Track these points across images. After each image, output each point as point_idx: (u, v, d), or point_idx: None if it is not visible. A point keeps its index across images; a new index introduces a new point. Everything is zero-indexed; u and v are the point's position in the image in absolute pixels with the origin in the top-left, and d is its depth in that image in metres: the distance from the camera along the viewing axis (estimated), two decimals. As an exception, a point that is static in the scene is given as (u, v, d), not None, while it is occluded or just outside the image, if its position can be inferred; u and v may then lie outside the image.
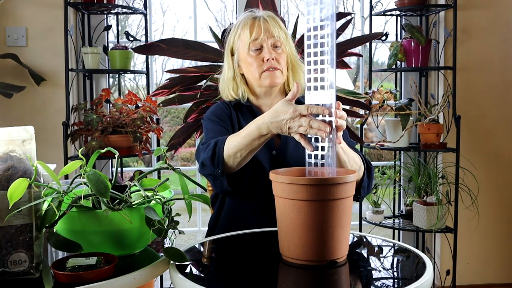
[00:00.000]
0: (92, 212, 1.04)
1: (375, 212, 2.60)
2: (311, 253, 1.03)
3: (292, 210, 1.04)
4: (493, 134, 2.83)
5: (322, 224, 1.02)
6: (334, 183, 1.02)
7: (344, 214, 1.04)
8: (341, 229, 1.04)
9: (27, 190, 0.95)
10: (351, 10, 4.77)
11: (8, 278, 0.94)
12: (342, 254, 1.06)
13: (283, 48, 1.53)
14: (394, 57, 2.60)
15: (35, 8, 2.58)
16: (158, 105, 2.35)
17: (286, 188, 1.04)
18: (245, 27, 1.52)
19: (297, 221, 1.03)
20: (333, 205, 1.02)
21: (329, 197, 1.01)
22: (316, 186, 1.01)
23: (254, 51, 1.51)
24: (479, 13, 2.76)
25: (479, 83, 2.79)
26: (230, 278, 1.01)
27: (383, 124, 2.70)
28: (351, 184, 1.05)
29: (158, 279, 2.69)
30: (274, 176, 1.07)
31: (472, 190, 2.48)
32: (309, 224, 1.02)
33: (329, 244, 1.03)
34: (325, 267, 1.03)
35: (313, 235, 1.02)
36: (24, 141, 0.99)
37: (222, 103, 1.63)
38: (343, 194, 1.03)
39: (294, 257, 1.05)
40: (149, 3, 2.68)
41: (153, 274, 1.02)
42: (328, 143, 1.13)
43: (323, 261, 1.03)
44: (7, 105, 2.55)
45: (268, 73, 1.50)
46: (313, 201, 1.01)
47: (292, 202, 1.03)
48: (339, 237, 1.04)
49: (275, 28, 1.51)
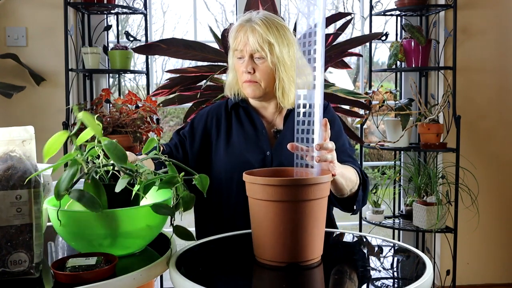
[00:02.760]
0: (92, 212, 1.04)
1: (375, 212, 2.60)
2: (283, 255, 1.02)
3: (263, 211, 1.03)
4: (493, 134, 2.83)
5: (294, 225, 1.00)
6: (306, 184, 1.00)
7: (317, 215, 1.02)
8: (314, 230, 1.02)
9: (27, 190, 0.95)
10: (351, 10, 4.77)
11: (8, 278, 0.94)
12: (315, 255, 1.05)
13: (268, 58, 1.46)
14: (394, 57, 2.60)
15: (35, 8, 2.58)
16: (158, 105, 2.35)
17: (258, 189, 1.03)
18: (232, 33, 1.51)
19: (268, 222, 1.02)
20: (305, 206, 1.00)
21: (300, 198, 1.00)
22: (287, 187, 0.99)
23: (237, 59, 1.51)
24: (479, 13, 2.76)
25: (479, 83, 2.79)
26: (230, 278, 1.01)
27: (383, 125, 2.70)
28: (324, 185, 1.03)
29: (158, 279, 2.69)
30: (247, 177, 1.05)
31: (472, 190, 2.48)
32: (281, 225, 1.01)
33: (301, 245, 1.01)
34: (298, 269, 1.02)
35: (285, 237, 1.01)
36: (24, 141, 0.99)
37: (217, 106, 1.63)
38: (316, 195, 1.01)
39: (266, 259, 1.04)
40: (149, 3, 2.68)
41: (153, 274, 1.02)
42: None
43: (296, 262, 1.02)
44: (7, 105, 2.55)
45: (246, 84, 1.49)
46: (284, 202, 1.00)
47: (263, 203, 1.02)
48: (312, 238, 1.03)
49: (255, 41, 1.44)
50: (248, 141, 1.53)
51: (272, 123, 1.57)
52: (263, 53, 1.46)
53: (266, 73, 1.48)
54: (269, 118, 1.58)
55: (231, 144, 1.54)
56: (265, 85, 1.49)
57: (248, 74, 1.48)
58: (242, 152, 1.51)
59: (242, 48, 1.48)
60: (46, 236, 1.21)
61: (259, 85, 1.49)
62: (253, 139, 1.53)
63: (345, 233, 1.35)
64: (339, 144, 1.49)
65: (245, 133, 1.54)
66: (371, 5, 2.67)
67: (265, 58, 1.47)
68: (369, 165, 4.70)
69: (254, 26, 1.47)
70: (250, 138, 1.53)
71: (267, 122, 1.57)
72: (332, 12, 2.53)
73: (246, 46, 1.47)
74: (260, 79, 1.49)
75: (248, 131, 1.54)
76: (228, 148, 1.53)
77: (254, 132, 1.54)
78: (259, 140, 1.52)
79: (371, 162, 5.15)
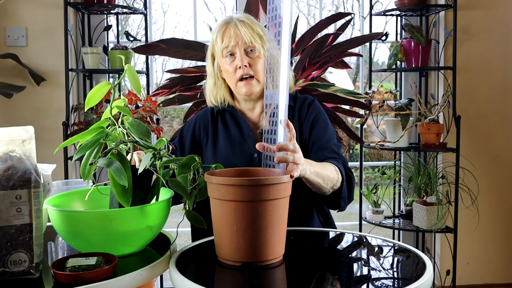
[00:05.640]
0: (92, 212, 1.04)
1: (375, 212, 2.60)
2: (238, 254, 1.02)
3: (219, 210, 1.03)
4: (493, 134, 2.82)
5: (248, 225, 1.00)
6: (258, 184, 1.00)
7: (273, 216, 1.02)
8: (269, 230, 1.02)
9: (27, 190, 0.95)
10: (351, 10, 4.77)
11: (8, 278, 0.94)
12: (274, 255, 1.04)
13: (260, 51, 1.46)
14: (394, 57, 2.60)
15: (35, 8, 2.58)
16: (158, 105, 2.35)
17: (213, 188, 1.03)
18: (219, 33, 1.49)
19: (223, 221, 1.02)
20: (259, 206, 1.00)
21: (253, 198, 0.99)
22: (245, 187, 0.99)
23: (228, 57, 1.48)
24: (479, 13, 2.76)
25: (479, 83, 2.79)
26: (229, 278, 1.01)
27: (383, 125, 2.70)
28: (284, 185, 1.03)
29: (158, 279, 2.69)
30: (207, 177, 1.05)
31: (472, 190, 2.48)
32: (234, 225, 1.01)
33: (256, 245, 1.01)
34: (254, 269, 1.02)
35: (238, 236, 1.01)
36: (24, 141, 0.99)
37: (203, 113, 1.62)
38: (275, 195, 1.01)
39: (224, 258, 1.05)
40: (149, 3, 2.68)
41: (153, 274, 1.02)
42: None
43: (251, 262, 1.02)
44: (7, 105, 2.55)
45: (243, 82, 1.47)
46: (238, 202, 1.00)
47: (219, 202, 1.03)
48: (268, 238, 1.02)
49: (247, 32, 1.44)
50: (235, 145, 1.52)
51: (258, 125, 1.56)
52: (256, 44, 1.45)
53: (261, 66, 1.47)
54: (255, 120, 1.57)
55: (218, 150, 1.53)
56: (262, 79, 1.48)
57: (244, 69, 1.45)
58: (228, 157, 1.50)
59: (234, 44, 1.45)
60: (46, 236, 1.21)
61: (256, 80, 1.47)
62: (240, 143, 1.52)
63: (345, 233, 1.35)
64: (323, 141, 1.48)
65: (232, 137, 1.54)
66: (371, 5, 2.67)
67: (258, 50, 1.46)
68: (369, 165, 4.70)
69: (241, 20, 1.47)
70: (236, 142, 1.53)
71: (253, 124, 1.56)
72: (332, 12, 2.53)
73: (238, 40, 1.45)
74: (257, 73, 1.47)
75: (234, 135, 1.54)
76: (216, 153, 1.53)
77: (240, 135, 1.53)
78: (246, 143, 1.52)
79: (371, 162, 5.15)
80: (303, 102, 1.55)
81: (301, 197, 1.42)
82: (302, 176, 1.21)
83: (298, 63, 2.21)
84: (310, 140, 1.50)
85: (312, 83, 2.19)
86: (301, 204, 1.46)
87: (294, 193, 1.10)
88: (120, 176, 0.98)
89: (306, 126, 1.52)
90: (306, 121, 1.52)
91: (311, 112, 1.53)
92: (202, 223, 1.14)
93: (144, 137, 1.03)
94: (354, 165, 3.70)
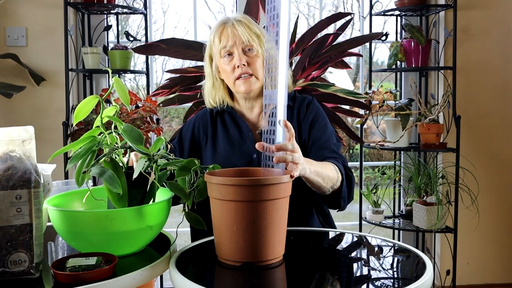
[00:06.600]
0: (92, 212, 1.04)
1: (375, 212, 2.60)
2: (237, 254, 1.02)
3: (219, 210, 1.03)
4: (493, 134, 2.83)
5: (247, 225, 1.00)
6: (264, 184, 1.00)
7: (276, 215, 1.02)
8: (269, 230, 1.02)
9: (27, 190, 0.95)
10: (350, 10, 4.77)
11: (8, 278, 0.94)
12: (274, 255, 1.04)
13: (258, 50, 1.47)
14: (394, 57, 2.60)
15: (35, 8, 2.58)
16: (158, 105, 2.35)
17: (213, 188, 1.03)
18: (216, 34, 1.49)
19: (223, 221, 1.02)
20: (258, 206, 1.00)
21: (253, 198, 0.99)
22: (245, 187, 0.99)
23: (226, 57, 1.48)
24: (479, 13, 2.76)
25: (479, 83, 2.79)
26: (229, 278, 1.01)
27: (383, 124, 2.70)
28: (284, 185, 1.03)
29: (158, 279, 2.69)
30: (207, 177, 1.06)
31: (472, 190, 2.48)
32: (234, 225, 1.01)
33: (256, 245, 1.01)
34: (254, 269, 1.02)
35: (238, 236, 1.01)
36: (24, 141, 0.99)
37: (202, 113, 1.62)
38: (275, 195, 1.01)
39: (224, 258, 1.05)
40: (149, 3, 2.68)
41: (153, 274, 1.02)
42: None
43: (251, 262, 1.02)
44: (7, 105, 2.55)
45: (242, 80, 1.47)
46: (237, 202, 1.00)
47: (219, 202, 1.03)
48: (268, 238, 1.02)
49: (244, 32, 1.45)
50: (234, 145, 1.52)
51: (257, 126, 1.56)
52: (254, 44, 1.46)
53: (260, 64, 1.48)
54: (254, 120, 1.57)
55: (217, 150, 1.53)
56: (261, 77, 1.48)
57: (242, 67, 1.45)
58: (228, 157, 1.50)
59: (231, 43, 1.46)
60: (46, 236, 1.21)
61: (255, 78, 1.48)
62: (239, 143, 1.52)
63: (345, 233, 1.35)
64: (322, 140, 1.49)
65: (231, 138, 1.54)
66: (371, 5, 2.67)
67: (256, 49, 1.47)
68: (369, 165, 4.70)
69: (238, 20, 1.48)
70: (235, 142, 1.53)
71: (253, 125, 1.56)
72: (332, 12, 2.53)
73: (236, 39, 1.46)
74: (255, 71, 1.47)
75: (234, 136, 1.54)
76: (215, 154, 1.53)
77: (239, 136, 1.53)
78: (245, 143, 1.52)
79: (371, 162, 5.15)
80: (302, 102, 1.55)
81: (301, 197, 1.42)
82: (302, 176, 1.21)
83: (298, 63, 2.21)
84: (310, 140, 1.50)
85: (312, 83, 2.18)
86: (301, 204, 1.46)
87: (294, 193, 1.10)
88: (114, 184, 0.98)
89: (305, 125, 1.52)
90: (305, 121, 1.52)
91: (310, 111, 1.53)
92: (202, 224, 1.14)
93: (137, 143, 1.03)
94: (354, 165, 3.71)
